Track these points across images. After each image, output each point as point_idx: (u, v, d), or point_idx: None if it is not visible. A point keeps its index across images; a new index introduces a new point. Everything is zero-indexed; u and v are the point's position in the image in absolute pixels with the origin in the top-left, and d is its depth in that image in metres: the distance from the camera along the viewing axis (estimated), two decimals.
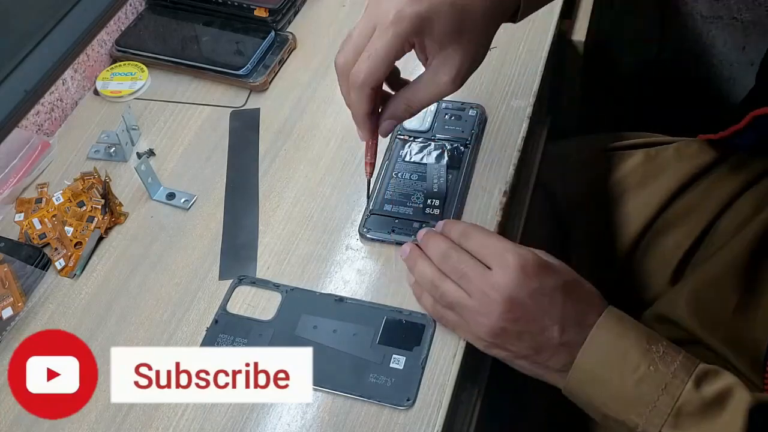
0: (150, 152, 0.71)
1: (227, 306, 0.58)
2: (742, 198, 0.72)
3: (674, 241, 0.73)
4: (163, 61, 0.78)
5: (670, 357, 0.50)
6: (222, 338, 0.56)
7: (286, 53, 0.78)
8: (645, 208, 0.76)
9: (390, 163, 0.66)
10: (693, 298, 0.65)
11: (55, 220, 0.65)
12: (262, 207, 0.66)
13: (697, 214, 0.73)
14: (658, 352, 0.50)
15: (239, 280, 0.60)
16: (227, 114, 0.74)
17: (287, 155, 0.70)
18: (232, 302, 0.59)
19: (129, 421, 0.53)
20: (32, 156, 0.70)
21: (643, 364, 0.49)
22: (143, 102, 0.76)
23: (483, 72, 0.73)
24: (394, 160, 0.66)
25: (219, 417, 0.53)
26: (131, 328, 0.58)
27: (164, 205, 0.67)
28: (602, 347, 0.51)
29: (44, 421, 0.54)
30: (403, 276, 0.59)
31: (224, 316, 0.58)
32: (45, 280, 0.62)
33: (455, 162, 0.65)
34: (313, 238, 0.63)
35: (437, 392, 0.53)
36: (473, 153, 0.66)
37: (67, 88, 0.76)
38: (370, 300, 0.58)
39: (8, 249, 0.63)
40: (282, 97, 0.75)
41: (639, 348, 0.50)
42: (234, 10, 0.80)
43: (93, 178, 0.67)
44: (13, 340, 0.59)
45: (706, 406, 0.48)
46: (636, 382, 0.49)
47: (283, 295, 0.59)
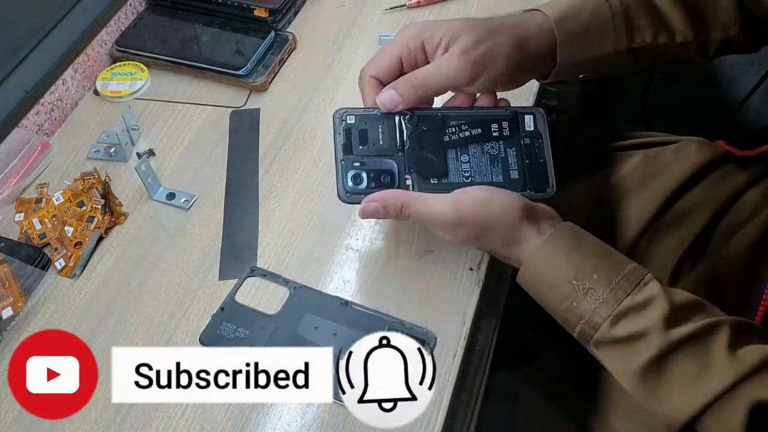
0: (150, 152, 0.71)
1: (236, 295, 0.59)
2: (742, 198, 0.72)
3: (674, 241, 0.73)
4: (163, 61, 0.78)
5: (596, 293, 0.53)
6: (225, 327, 0.57)
7: (286, 53, 0.78)
8: (645, 208, 0.76)
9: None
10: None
11: (55, 220, 0.65)
12: (262, 207, 0.66)
13: (697, 215, 0.73)
14: (583, 289, 0.53)
15: (251, 270, 0.60)
16: (227, 114, 0.74)
17: (287, 155, 0.70)
18: (241, 292, 0.59)
19: (129, 421, 0.53)
20: (32, 156, 0.70)
21: (567, 299, 0.53)
22: (143, 102, 0.76)
23: None
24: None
25: (219, 417, 0.53)
26: (131, 328, 0.58)
27: (164, 205, 0.67)
28: (536, 273, 0.55)
29: (44, 420, 0.54)
30: (403, 276, 0.59)
31: (231, 304, 0.58)
32: (45, 280, 0.62)
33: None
34: (313, 238, 0.63)
35: (437, 392, 0.53)
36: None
37: (67, 88, 0.76)
38: (374, 306, 0.58)
39: (8, 249, 0.63)
40: (282, 97, 0.75)
41: (566, 283, 0.54)
42: (234, 10, 0.80)
43: (93, 178, 0.67)
44: (13, 340, 0.59)
45: (620, 342, 0.52)
46: (562, 310, 0.54)
47: (291, 291, 0.59)
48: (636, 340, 0.51)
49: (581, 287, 0.53)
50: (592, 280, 0.53)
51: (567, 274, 0.54)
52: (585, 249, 0.56)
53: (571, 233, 0.57)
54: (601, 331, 0.53)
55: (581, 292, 0.53)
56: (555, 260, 0.55)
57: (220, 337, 0.56)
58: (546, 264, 0.55)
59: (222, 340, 0.56)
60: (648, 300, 0.52)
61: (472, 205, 0.55)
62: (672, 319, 0.51)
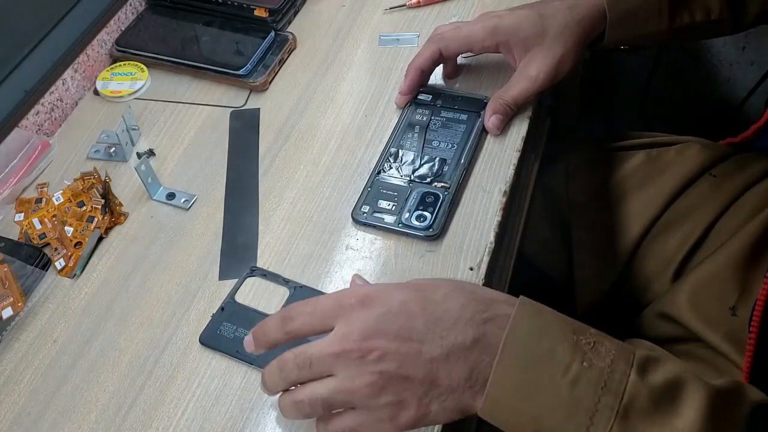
0: (150, 152, 0.71)
1: (236, 295, 0.59)
2: (743, 197, 0.72)
3: (676, 240, 0.73)
4: (163, 61, 0.78)
5: (603, 347, 0.41)
6: (225, 327, 0.57)
7: (286, 53, 0.78)
8: (647, 207, 0.76)
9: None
10: (693, 295, 0.66)
11: (55, 220, 0.65)
12: (262, 207, 0.66)
13: (698, 214, 0.73)
14: (588, 344, 0.41)
15: (251, 270, 0.60)
16: (227, 114, 0.74)
17: (287, 155, 0.70)
18: (241, 292, 0.59)
19: (129, 421, 0.53)
20: (32, 156, 0.70)
21: (575, 361, 0.41)
22: (143, 102, 0.76)
23: (483, 71, 0.74)
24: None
25: (219, 417, 0.53)
26: (131, 328, 0.58)
27: (164, 205, 0.67)
28: (522, 348, 0.42)
29: (44, 420, 0.54)
30: (403, 276, 0.59)
31: (231, 304, 0.58)
32: (45, 280, 0.62)
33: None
34: (313, 238, 0.63)
35: None
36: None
37: (67, 88, 0.76)
38: None
39: (8, 249, 0.63)
40: (282, 97, 0.75)
41: (566, 342, 0.41)
42: (234, 10, 0.80)
43: (93, 178, 0.67)
44: (14, 340, 0.59)
45: (658, 398, 0.40)
46: (570, 384, 0.40)
47: (291, 291, 0.59)
48: (676, 389, 0.40)
49: (586, 342, 0.41)
50: (592, 334, 0.42)
51: (563, 330, 0.42)
52: (558, 313, 0.44)
53: (532, 302, 0.45)
54: (630, 387, 0.40)
55: (588, 347, 0.41)
56: (543, 318, 0.43)
57: (220, 337, 0.56)
58: (531, 322, 0.43)
59: (222, 340, 0.56)
60: (657, 354, 0.43)
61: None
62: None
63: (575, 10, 0.66)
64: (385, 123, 0.71)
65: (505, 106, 0.66)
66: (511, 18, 0.67)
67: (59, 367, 0.57)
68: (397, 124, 0.69)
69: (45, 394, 0.55)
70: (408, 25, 0.81)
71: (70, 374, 0.56)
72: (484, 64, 0.74)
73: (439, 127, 0.68)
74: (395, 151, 0.66)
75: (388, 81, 0.75)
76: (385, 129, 0.70)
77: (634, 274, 0.76)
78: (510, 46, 0.67)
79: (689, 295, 0.66)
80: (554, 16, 0.66)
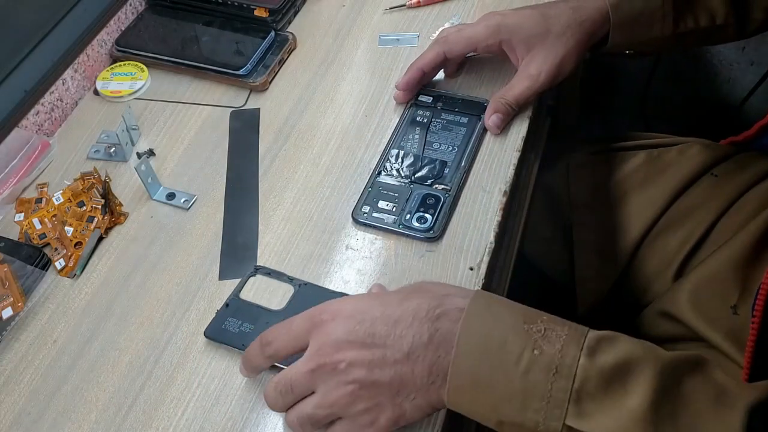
0: (150, 152, 0.71)
1: (240, 293, 0.59)
2: (744, 197, 0.72)
3: (677, 240, 0.73)
4: (163, 61, 0.78)
5: (554, 333, 0.42)
6: (230, 322, 0.57)
7: (286, 53, 0.78)
8: (648, 207, 0.76)
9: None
10: (694, 294, 0.66)
11: (55, 220, 0.65)
12: (262, 207, 0.66)
13: (699, 213, 0.73)
14: (539, 331, 0.42)
15: (255, 269, 0.60)
16: (227, 114, 0.74)
17: (287, 155, 0.70)
18: (245, 290, 0.59)
19: (129, 421, 0.53)
20: (32, 156, 0.70)
21: (526, 349, 0.42)
22: (143, 102, 0.76)
23: (484, 71, 0.73)
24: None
25: (219, 417, 0.53)
26: (131, 328, 0.58)
27: (164, 205, 0.67)
28: (476, 340, 0.43)
29: (44, 420, 0.54)
30: (403, 275, 0.59)
31: (236, 301, 0.58)
32: (45, 280, 0.62)
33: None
34: (313, 238, 0.63)
35: None
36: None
37: (67, 88, 0.76)
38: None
39: (8, 249, 0.63)
40: (282, 97, 0.75)
41: (517, 331, 0.42)
42: (234, 10, 0.80)
43: (93, 178, 0.67)
44: (13, 340, 0.59)
45: (609, 378, 0.40)
46: (523, 372, 0.41)
47: (296, 288, 0.59)
48: (626, 368, 0.41)
49: (536, 329, 0.42)
50: (544, 321, 0.43)
51: (514, 319, 0.43)
52: (511, 302, 0.45)
53: (485, 293, 0.46)
54: (581, 371, 0.40)
55: (538, 335, 0.42)
56: (494, 309, 0.44)
57: (225, 332, 0.56)
58: (483, 314, 0.44)
59: (227, 335, 0.56)
60: (612, 335, 0.43)
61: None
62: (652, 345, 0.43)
63: (579, 11, 0.66)
64: (385, 123, 0.71)
65: (507, 105, 0.66)
66: (515, 17, 0.67)
67: (59, 367, 0.57)
68: (398, 125, 0.69)
69: (45, 394, 0.55)
70: (408, 25, 0.81)
71: (70, 374, 0.56)
72: (485, 66, 0.74)
73: (439, 129, 0.68)
74: (396, 152, 0.67)
75: (388, 81, 0.75)
76: (385, 129, 0.70)
77: (635, 274, 0.76)
78: (512, 45, 0.67)
79: (690, 294, 0.66)
80: (557, 17, 0.66)
